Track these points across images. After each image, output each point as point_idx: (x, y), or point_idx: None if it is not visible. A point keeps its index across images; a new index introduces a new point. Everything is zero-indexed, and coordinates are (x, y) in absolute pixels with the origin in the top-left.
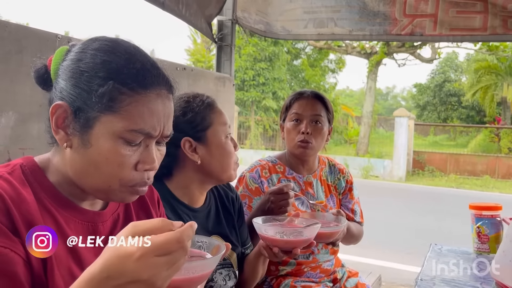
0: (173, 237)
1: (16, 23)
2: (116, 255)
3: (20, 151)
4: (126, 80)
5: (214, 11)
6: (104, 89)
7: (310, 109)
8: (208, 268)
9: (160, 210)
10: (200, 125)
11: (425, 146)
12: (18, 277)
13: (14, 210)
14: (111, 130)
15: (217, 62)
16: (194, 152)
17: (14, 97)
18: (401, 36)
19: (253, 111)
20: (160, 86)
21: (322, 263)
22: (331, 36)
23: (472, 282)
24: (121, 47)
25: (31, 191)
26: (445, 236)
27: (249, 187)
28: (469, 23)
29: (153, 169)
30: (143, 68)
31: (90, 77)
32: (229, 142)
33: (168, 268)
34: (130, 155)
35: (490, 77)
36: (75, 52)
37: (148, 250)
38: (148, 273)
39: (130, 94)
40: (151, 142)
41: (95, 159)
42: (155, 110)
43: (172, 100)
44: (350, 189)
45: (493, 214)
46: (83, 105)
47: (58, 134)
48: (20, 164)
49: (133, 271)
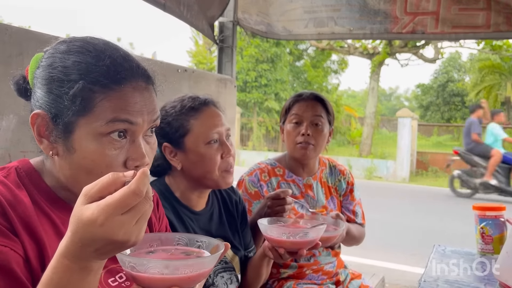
0: (130, 191)
1: (16, 26)
2: (81, 225)
3: (21, 154)
4: (98, 78)
5: (217, 12)
6: (74, 91)
7: (310, 111)
8: (206, 266)
9: (159, 211)
10: (177, 132)
11: (429, 146)
12: (18, 274)
13: (11, 212)
14: (91, 131)
15: (218, 63)
16: (175, 157)
17: (15, 100)
18: (402, 35)
19: (255, 113)
20: (135, 78)
21: (324, 265)
22: (331, 35)
23: (475, 283)
24: (89, 45)
25: (26, 193)
26: (449, 237)
27: (248, 191)
28: (472, 20)
29: (144, 165)
30: (113, 63)
31: (61, 81)
32: (210, 148)
33: (137, 222)
34: (116, 154)
35: (493, 76)
36: (45, 58)
37: (109, 212)
38: (118, 232)
39: (103, 91)
40: (137, 136)
41: (82, 163)
42: (132, 101)
43: (153, 91)
44: (351, 190)
45: (497, 214)
46: (59, 111)
47: (42, 143)
48: (15, 167)
49: (102, 235)
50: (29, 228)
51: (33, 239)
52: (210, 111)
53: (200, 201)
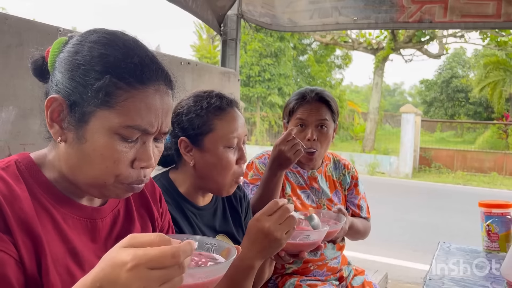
0: (168, 251)
1: (16, 16)
2: (110, 264)
3: (20, 147)
4: (124, 74)
5: (228, 2)
6: (100, 84)
7: (315, 114)
8: (221, 272)
9: (162, 207)
10: (199, 129)
11: (432, 142)
12: (8, 279)
13: (7, 208)
14: (106, 126)
15: (222, 57)
16: (189, 153)
17: (14, 92)
18: (409, 24)
19: (259, 107)
20: (158, 81)
21: (329, 261)
22: (336, 25)
23: (482, 282)
24: (120, 40)
25: (25, 187)
26: (452, 234)
27: (260, 171)
28: (482, 9)
29: (149, 167)
30: (141, 62)
31: (86, 70)
32: (228, 153)
33: (160, 284)
34: (126, 152)
35: (498, 72)
36: (73, 44)
37: (141, 261)
38: (139, 285)
39: (127, 89)
40: (148, 139)
41: (90, 154)
42: (152, 106)
43: (171, 96)
44: (356, 184)
45: (503, 212)
46: (79, 99)
47: (53, 128)
48: (15, 160)
49: (124, 281)
50: (25, 225)
51: (28, 237)
52: (234, 113)
53: (204, 198)
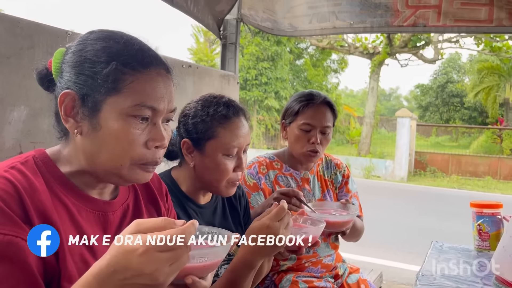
0: (175, 233)
1: (28, 20)
2: (122, 251)
3: (31, 145)
4: (127, 60)
5: (226, 6)
6: (107, 71)
7: (322, 120)
8: (220, 255)
9: (168, 203)
10: (202, 134)
11: (427, 146)
12: (29, 265)
13: (27, 199)
14: (118, 110)
15: (221, 60)
16: (191, 154)
17: (26, 92)
18: (403, 28)
19: (255, 111)
20: (159, 66)
21: (323, 258)
22: (333, 30)
23: (472, 278)
24: (118, 34)
25: (43, 181)
26: (446, 237)
27: (247, 183)
28: (474, 15)
29: (163, 146)
30: (141, 49)
31: (92, 62)
32: (226, 160)
33: (171, 264)
34: (139, 133)
35: (492, 78)
36: (75, 45)
37: (150, 245)
38: (151, 268)
39: (132, 73)
40: (157, 120)
41: (106, 140)
42: (157, 86)
43: (172, 81)
44: (346, 182)
45: (494, 212)
46: (89, 90)
47: (68, 122)
48: (32, 155)
49: (137, 265)
50: (44, 215)
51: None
52: (239, 122)
53: (205, 196)
